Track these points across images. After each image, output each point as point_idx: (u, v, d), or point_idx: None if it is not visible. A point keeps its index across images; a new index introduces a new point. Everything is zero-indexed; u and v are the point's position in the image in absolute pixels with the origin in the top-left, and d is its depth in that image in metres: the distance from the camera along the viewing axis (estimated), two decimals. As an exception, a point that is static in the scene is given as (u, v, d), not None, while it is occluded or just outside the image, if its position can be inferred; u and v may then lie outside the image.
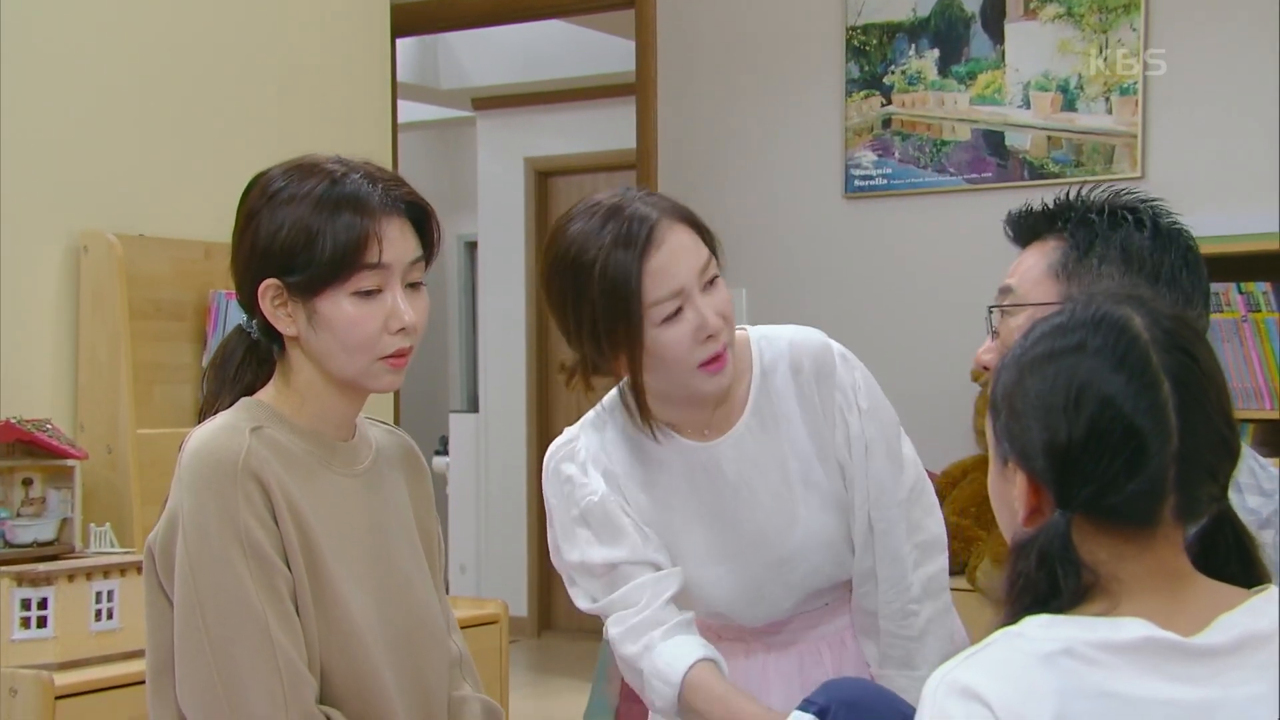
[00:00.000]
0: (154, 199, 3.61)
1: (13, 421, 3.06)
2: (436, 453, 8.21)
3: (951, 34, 4.39)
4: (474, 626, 3.53)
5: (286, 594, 1.78)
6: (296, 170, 1.85)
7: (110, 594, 2.99)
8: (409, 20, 5.03)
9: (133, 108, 3.60)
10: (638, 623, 2.08)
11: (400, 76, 5.48)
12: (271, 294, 1.82)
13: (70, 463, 3.13)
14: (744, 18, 4.76)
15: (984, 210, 4.33)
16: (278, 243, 1.81)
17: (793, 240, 4.53)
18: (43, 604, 2.90)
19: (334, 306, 1.81)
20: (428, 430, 8.17)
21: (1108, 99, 4.17)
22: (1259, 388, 3.73)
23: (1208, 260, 1.90)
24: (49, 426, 3.12)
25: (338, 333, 1.81)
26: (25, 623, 2.88)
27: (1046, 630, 1.29)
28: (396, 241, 1.82)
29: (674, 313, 1.99)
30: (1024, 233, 1.92)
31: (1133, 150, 4.13)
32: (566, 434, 2.19)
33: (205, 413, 1.91)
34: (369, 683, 1.84)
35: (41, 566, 2.93)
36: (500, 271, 7.69)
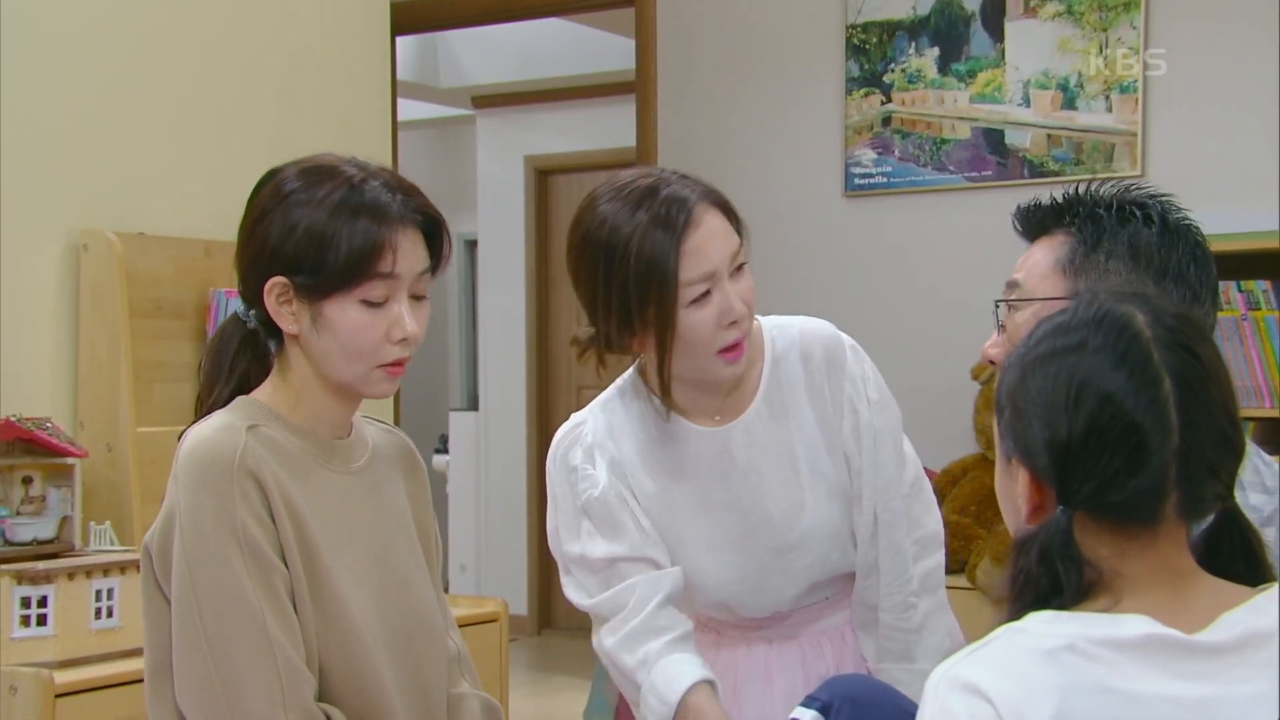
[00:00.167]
0: (154, 197, 3.61)
1: (13, 420, 3.06)
2: (436, 451, 8.21)
3: (951, 32, 4.39)
4: (474, 625, 3.53)
5: (284, 592, 1.78)
6: (314, 171, 1.84)
7: (110, 592, 2.99)
8: (409, 18, 5.03)
9: (133, 106, 3.60)
10: (631, 630, 2.08)
11: (400, 75, 5.48)
12: (278, 292, 1.82)
13: (70, 461, 3.13)
14: (744, 16, 4.76)
15: (984, 209, 4.35)
16: (291, 243, 1.80)
17: (793, 238, 4.53)
18: (42, 602, 2.90)
19: (340, 311, 1.81)
20: (428, 428, 8.17)
21: (1107, 97, 4.17)
22: (1259, 386, 3.73)
23: (1207, 258, 1.90)
24: (49, 425, 3.12)
25: (340, 337, 1.82)
26: (25, 621, 2.88)
27: (1049, 626, 1.29)
28: (409, 253, 1.83)
29: (702, 295, 2.00)
30: (1032, 227, 1.91)
31: (1132, 148, 4.13)
32: (574, 418, 2.20)
33: (202, 400, 1.91)
34: (368, 680, 1.84)
35: (41, 565, 2.93)
36: (500, 270, 7.69)
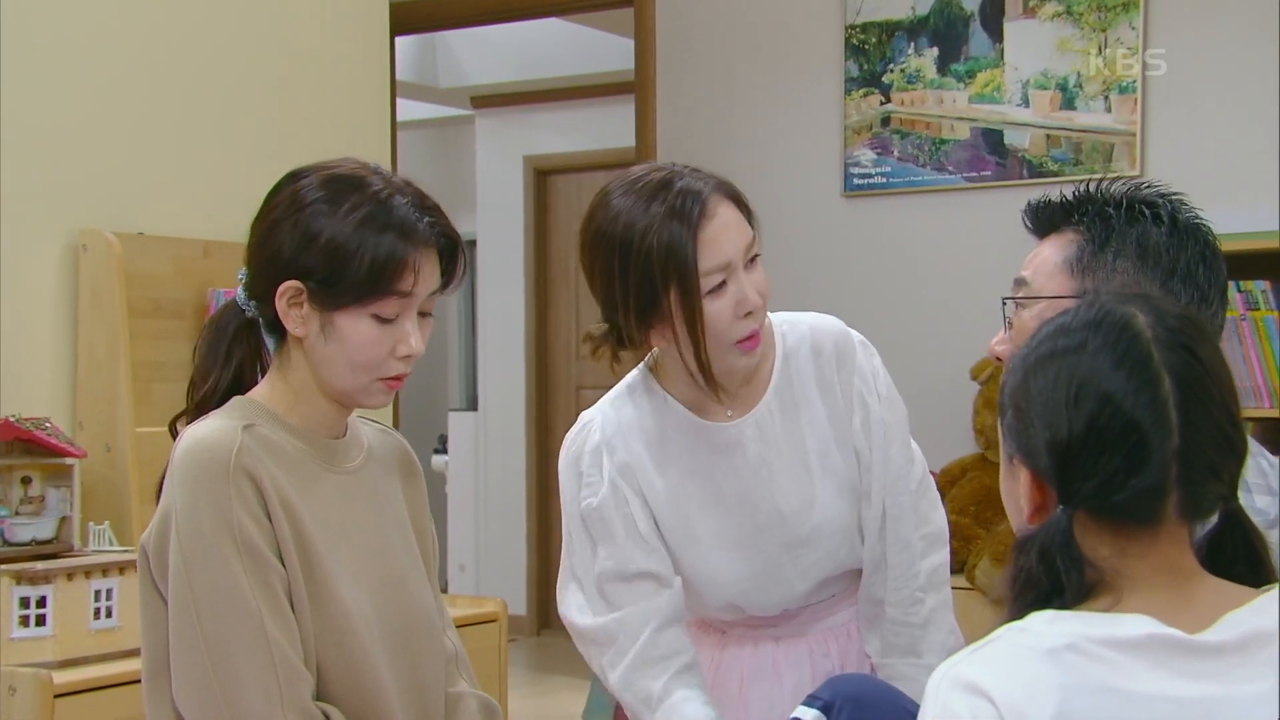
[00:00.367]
0: (153, 197, 3.61)
1: (11, 420, 3.06)
2: (435, 451, 8.20)
3: (950, 32, 4.39)
4: (472, 625, 3.52)
5: (281, 590, 1.78)
6: (339, 181, 1.84)
7: (109, 592, 2.99)
8: (408, 18, 5.03)
9: (132, 106, 3.60)
10: (629, 665, 2.10)
11: (399, 75, 5.48)
12: (290, 295, 1.82)
13: (69, 461, 3.13)
14: (743, 16, 4.76)
15: (983, 209, 4.35)
16: (311, 252, 1.80)
17: (792, 238, 4.53)
18: (41, 602, 2.90)
19: (351, 323, 1.81)
20: (427, 429, 8.17)
21: (1106, 97, 4.17)
22: (1258, 386, 3.73)
23: (1208, 258, 1.90)
24: (48, 425, 3.12)
25: (348, 348, 1.82)
26: (24, 621, 2.88)
27: (1050, 626, 1.29)
28: (428, 274, 1.84)
29: (718, 286, 2.01)
30: (1041, 224, 1.91)
31: (1131, 148, 4.13)
32: (583, 417, 2.21)
33: (196, 386, 1.90)
34: (365, 679, 1.84)
35: (40, 565, 2.93)
36: (499, 270, 7.69)
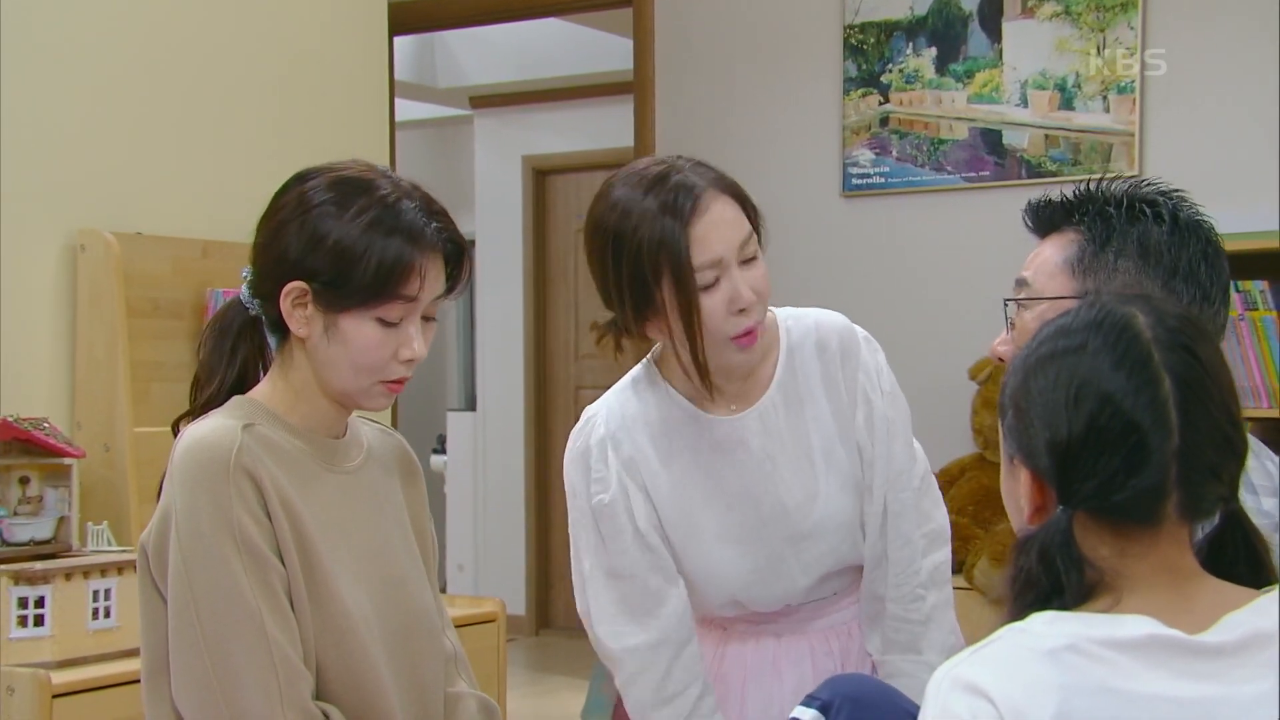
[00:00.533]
0: (151, 197, 3.61)
1: (10, 420, 3.06)
2: (434, 451, 8.21)
3: (949, 32, 4.39)
4: (471, 625, 3.53)
5: (281, 590, 1.78)
6: (345, 184, 1.83)
7: (107, 592, 2.99)
8: (406, 18, 5.03)
9: (130, 106, 3.59)
10: (644, 703, 2.13)
11: (398, 75, 5.48)
12: (295, 295, 1.82)
13: (67, 461, 3.13)
14: (741, 16, 4.76)
15: (981, 209, 4.35)
16: (318, 254, 1.80)
17: (791, 239, 4.52)
18: (40, 602, 2.90)
19: (356, 326, 1.81)
20: (425, 429, 8.17)
21: (1105, 97, 4.17)
22: (1256, 386, 3.73)
23: (1206, 257, 1.89)
24: (46, 425, 3.12)
25: (351, 350, 1.82)
26: (22, 621, 2.88)
27: (1050, 626, 1.29)
28: (434, 279, 1.84)
29: (711, 282, 2.01)
30: (1042, 223, 1.90)
31: (1130, 148, 4.13)
32: (588, 411, 2.21)
33: (200, 384, 1.91)
34: (365, 678, 1.84)
35: (39, 565, 2.93)
36: (498, 270, 7.68)
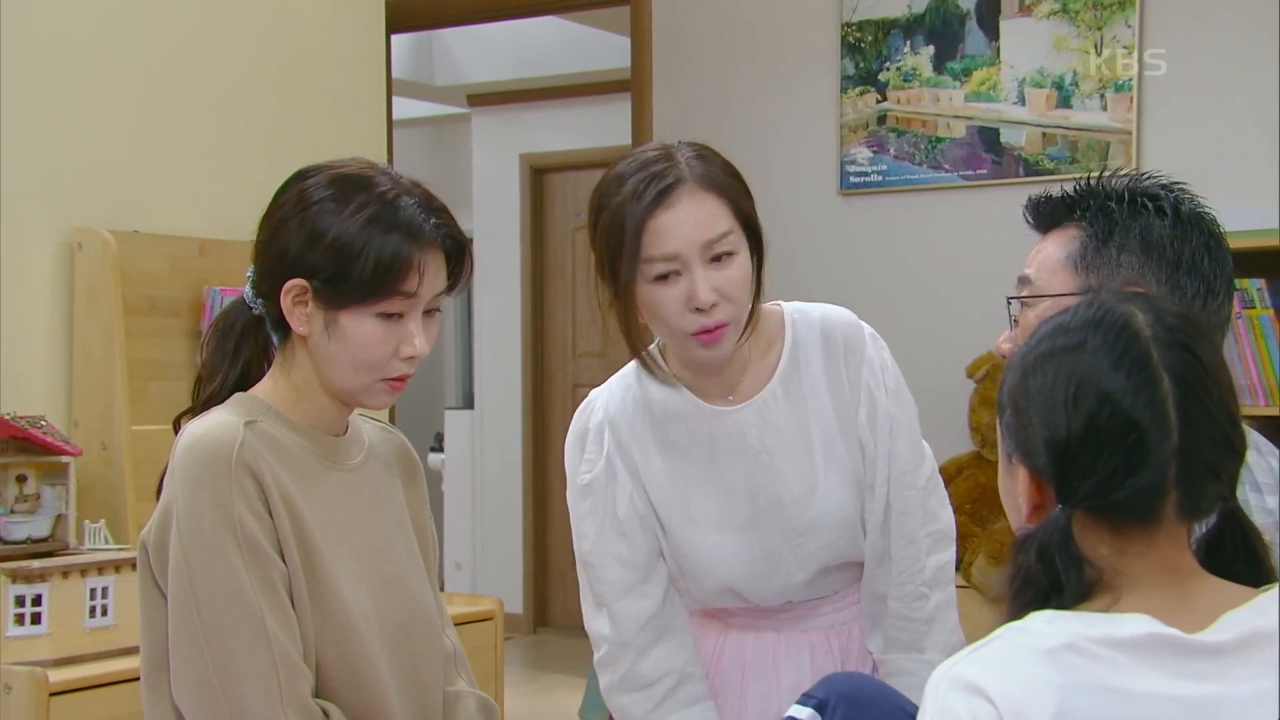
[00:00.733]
0: (149, 195, 3.61)
1: (7, 418, 3.05)
2: (432, 449, 8.20)
3: (947, 30, 4.39)
4: (469, 623, 3.52)
5: (282, 587, 1.78)
6: (345, 181, 1.84)
7: (105, 591, 2.99)
8: (404, 17, 5.02)
9: (127, 104, 3.59)
10: (615, 687, 2.16)
11: (395, 73, 5.47)
12: (295, 293, 1.82)
13: (65, 459, 3.12)
14: (739, 14, 4.76)
15: (979, 207, 4.35)
16: (317, 250, 1.80)
17: (788, 237, 4.52)
18: (37, 601, 2.89)
19: (355, 322, 1.81)
20: (423, 427, 8.16)
21: (1103, 95, 4.17)
22: (1253, 385, 3.74)
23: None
24: (43, 423, 3.12)
25: (351, 347, 1.82)
26: (20, 619, 2.88)
27: (1049, 625, 1.29)
28: (433, 275, 1.83)
29: (668, 274, 2.01)
30: (1043, 219, 1.89)
31: (1128, 146, 4.13)
32: (591, 395, 2.23)
33: (203, 383, 1.91)
34: (365, 676, 1.84)
35: (36, 563, 2.93)
36: (496, 268, 7.68)
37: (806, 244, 4.57)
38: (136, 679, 1.86)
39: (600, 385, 2.24)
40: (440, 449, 8.16)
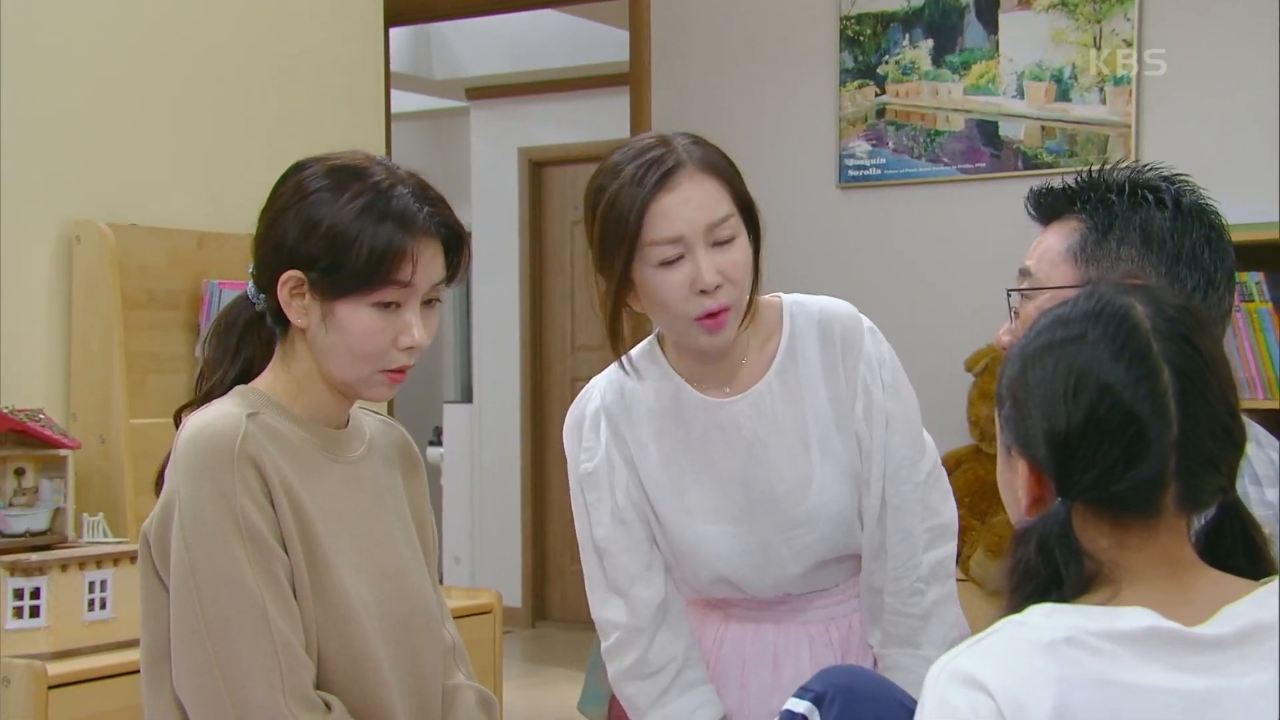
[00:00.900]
0: (147, 188, 3.60)
1: (5, 411, 3.05)
2: (431, 443, 8.20)
3: (945, 24, 4.39)
4: (468, 616, 3.52)
5: (284, 578, 1.78)
6: (341, 171, 1.84)
7: (103, 584, 2.99)
8: (402, 10, 5.02)
9: (126, 97, 3.58)
10: (623, 674, 2.19)
11: (394, 66, 5.47)
12: (291, 285, 1.82)
13: (63, 452, 3.12)
14: (738, 7, 4.75)
15: (978, 200, 4.35)
16: (311, 240, 1.80)
17: (787, 230, 4.52)
18: (35, 594, 2.89)
19: (352, 313, 1.81)
20: (422, 421, 8.16)
21: (1101, 89, 4.17)
22: (1252, 378, 3.74)
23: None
24: (41, 416, 3.11)
25: (348, 338, 1.82)
26: (18, 612, 2.88)
27: (1049, 619, 1.29)
28: (428, 264, 1.83)
29: (673, 259, 2.00)
30: (1044, 212, 1.89)
31: (1126, 140, 4.13)
32: (591, 381, 2.23)
33: (205, 378, 1.91)
34: (366, 668, 1.84)
35: (34, 556, 2.93)
36: (494, 262, 7.68)
37: (805, 237, 4.57)
38: (135, 672, 1.86)
39: (600, 373, 2.25)
40: (439, 443, 8.16)
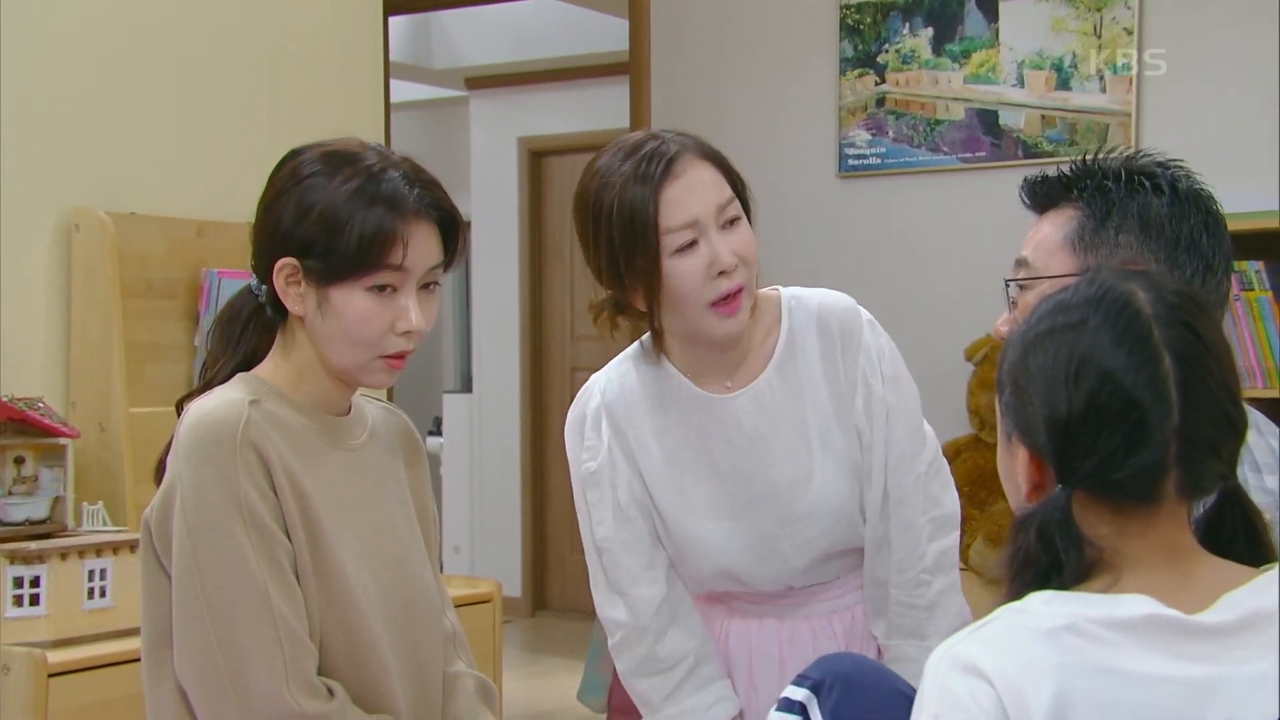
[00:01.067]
0: (146, 177, 3.60)
1: (5, 400, 3.05)
2: (430, 433, 8.20)
3: (945, 12, 4.38)
4: (467, 606, 3.52)
5: (287, 564, 1.78)
6: (334, 156, 1.84)
7: (103, 572, 2.99)
8: (402, -2, 5.01)
9: (125, 85, 3.58)
10: (633, 670, 2.18)
11: (393, 56, 5.46)
12: (286, 272, 1.83)
13: (62, 441, 3.12)
14: (738, -4, 4.75)
15: (978, 190, 4.34)
16: (304, 225, 1.80)
17: (787, 220, 4.52)
18: (35, 582, 2.89)
19: (346, 298, 1.81)
20: (421, 411, 8.16)
21: (1101, 78, 4.16)
22: (1251, 367, 3.74)
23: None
24: (41, 405, 3.11)
25: (345, 324, 1.82)
26: (18, 600, 2.88)
27: (1049, 606, 1.28)
28: (421, 246, 1.83)
29: (688, 244, 2.01)
30: (1040, 200, 1.88)
31: (1127, 129, 4.12)
32: (591, 379, 2.23)
33: (207, 368, 1.91)
34: (367, 655, 1.84)
35: (34, 544, 2.93)
36: (494, 251, 7.67)
37: (805, 227, 4.57)
38: (135, 660, 1.86)
39: (599, 370, 2.24)
40: (439, 433, 8.16)
